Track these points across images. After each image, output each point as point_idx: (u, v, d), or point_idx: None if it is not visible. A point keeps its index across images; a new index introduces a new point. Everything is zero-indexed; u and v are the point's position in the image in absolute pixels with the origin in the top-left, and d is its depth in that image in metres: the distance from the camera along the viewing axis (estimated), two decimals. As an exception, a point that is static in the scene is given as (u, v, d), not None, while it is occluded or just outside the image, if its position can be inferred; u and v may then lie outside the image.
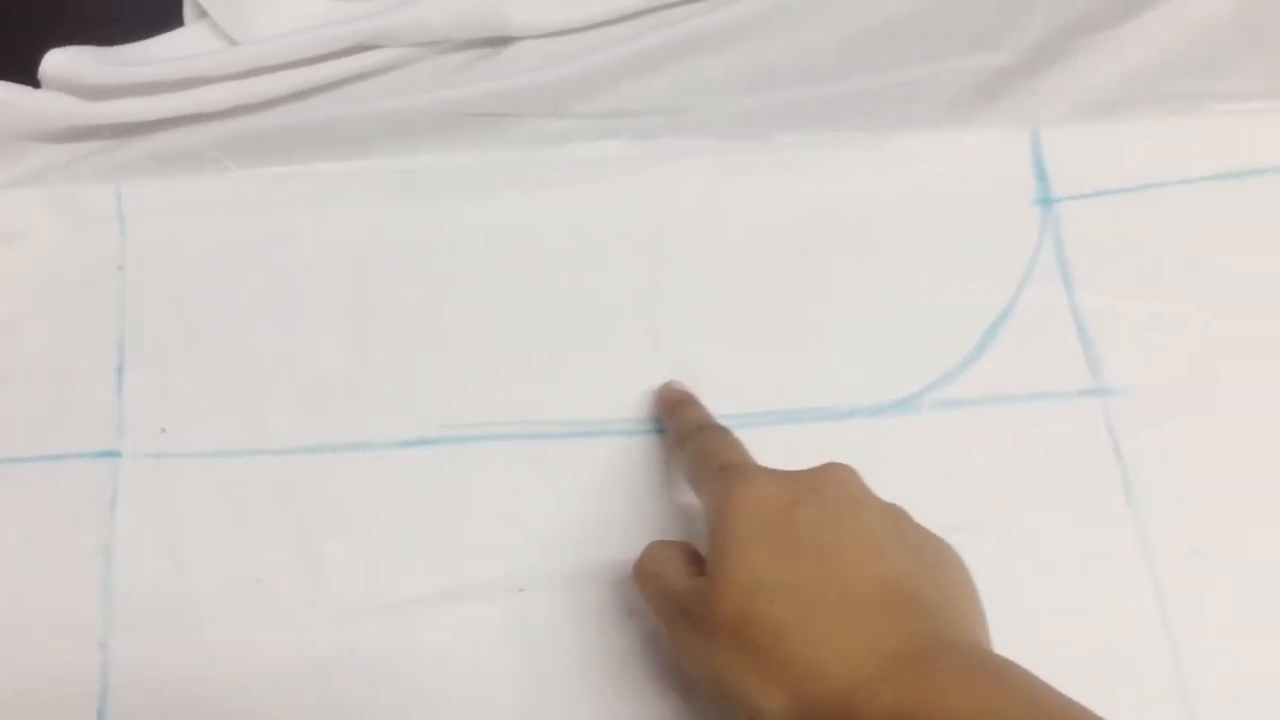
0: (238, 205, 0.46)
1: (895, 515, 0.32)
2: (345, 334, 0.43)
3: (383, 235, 0.45)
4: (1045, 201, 0.45)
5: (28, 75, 0.45)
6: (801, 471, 0.33)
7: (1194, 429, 0.42)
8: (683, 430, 0.38)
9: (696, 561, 0.33)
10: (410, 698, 0.39)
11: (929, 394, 0.43)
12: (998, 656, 0.29)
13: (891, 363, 0.43)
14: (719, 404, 0.42)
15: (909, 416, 0.42)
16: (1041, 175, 0.45)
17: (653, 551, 0.35)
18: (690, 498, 0.38)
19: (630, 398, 0.42)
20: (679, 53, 0.47)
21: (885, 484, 0.39)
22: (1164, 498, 0.41)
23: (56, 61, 0.45)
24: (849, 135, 0.46)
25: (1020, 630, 0.36)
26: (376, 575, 0.40)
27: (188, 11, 0.49)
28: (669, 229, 0.45)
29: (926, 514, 0.39)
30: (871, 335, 0.44)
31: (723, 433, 0.37)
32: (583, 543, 0.40)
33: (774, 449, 0.41)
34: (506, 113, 0.47)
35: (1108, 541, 0.41)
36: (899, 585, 0.30)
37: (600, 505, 0.41)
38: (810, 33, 0.48)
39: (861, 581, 0.30)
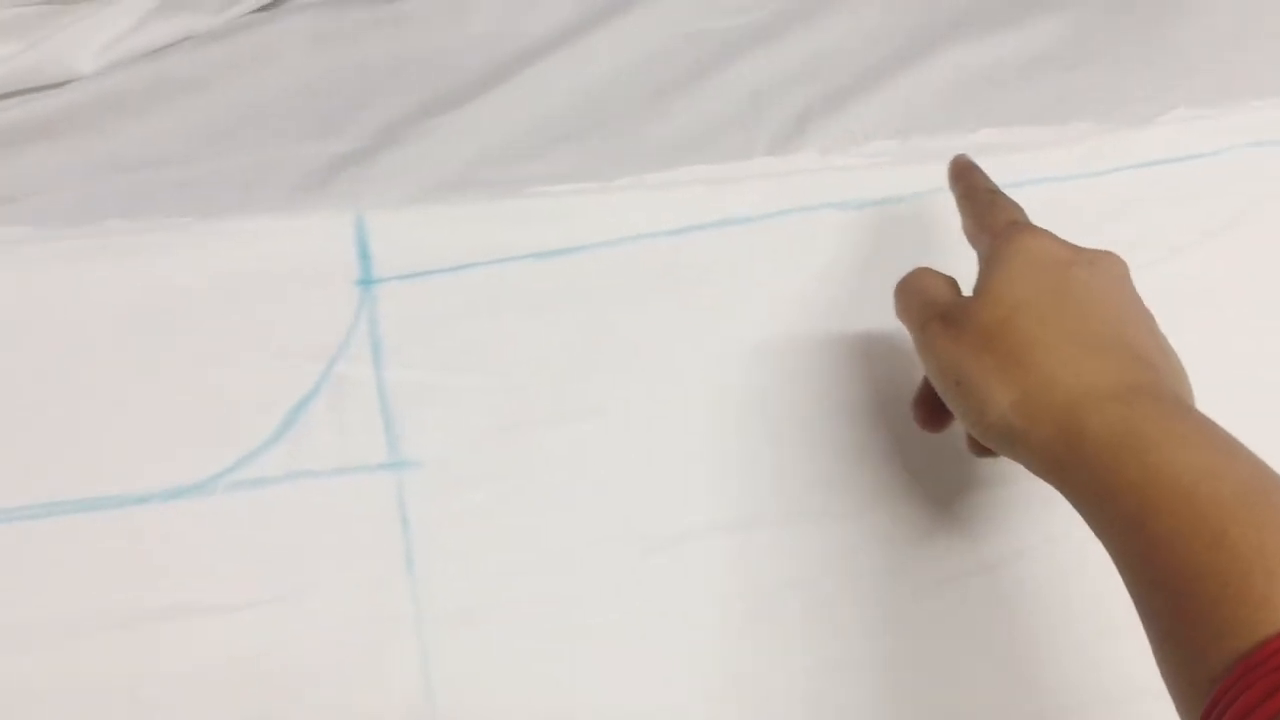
0: None
1: (1150, 314, 0.36)
2: None
3: None
4: (366, 282, 0.47)
5: None
6: (1083, 247, 0.36)
7: (482, 497, 0.45)
8: (974, 189, 0.41)
9: (956, 289, 0.38)
10: None
11: (228, 475, 0.44)
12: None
13: (196, 445, 0.44)
14: (18, 495, 0.42)
15: (205, 499, 0.44)
16: (365, 256, 0.48)
17: (920, 271, 0.39)
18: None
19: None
20: (4, 141, 0.47)
21: (173, 569, 0.41)
22: (445, 564, 0.44)
23: None
24: (182, 221, 0.47)
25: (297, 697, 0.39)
26: None
27: None
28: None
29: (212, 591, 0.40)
30: (179, 418, 0.45)
31: (1012, 199, 0.41)
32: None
33: (68, 540, 0.41)
34: None
35: (384, 608, 0.43)
36: (1142, 350, 0.34)
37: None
38: (156, 120, 0.49)
39: (1111, 334, 0.34)
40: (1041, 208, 0.51)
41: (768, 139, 0.52)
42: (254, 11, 0.52)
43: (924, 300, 0.38)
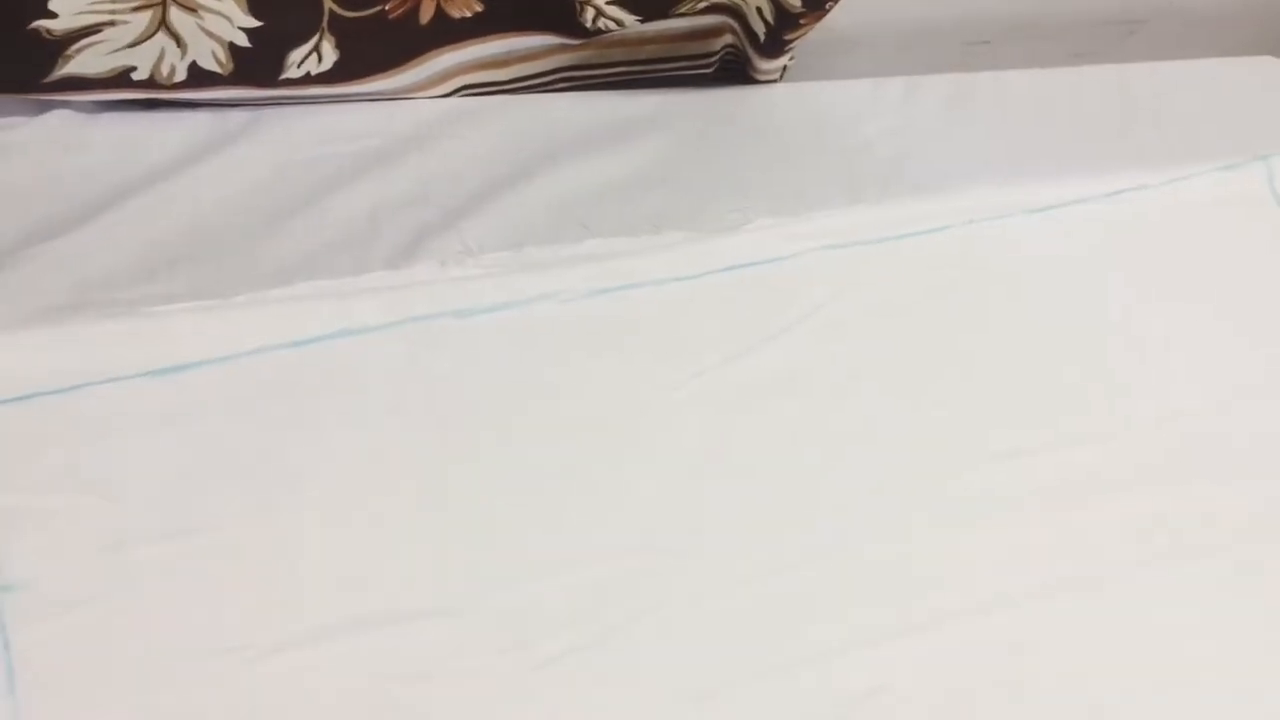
0: None
1: None
2: None
3: None
4: (-30, 408, 0.47)
5: None
6: None
7: (86, 617, 0.45)
8: None
9: None
10: None
11: None
12: None
13: None
14: None
15: None
16: (-30, 382, 0.47)
17: None
18: None
19: None
20: None
21: None
22: (47, 686, 0.43)
23: None
24: None
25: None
26: None
27: None
28: None
29: None
30: None
31: None
32: None
33: None
34: None
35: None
36: None
37: None
38: None
39: None
40: (644, 310, 0.58)
41: (385, 254, 0.56)
42: None
43: None
